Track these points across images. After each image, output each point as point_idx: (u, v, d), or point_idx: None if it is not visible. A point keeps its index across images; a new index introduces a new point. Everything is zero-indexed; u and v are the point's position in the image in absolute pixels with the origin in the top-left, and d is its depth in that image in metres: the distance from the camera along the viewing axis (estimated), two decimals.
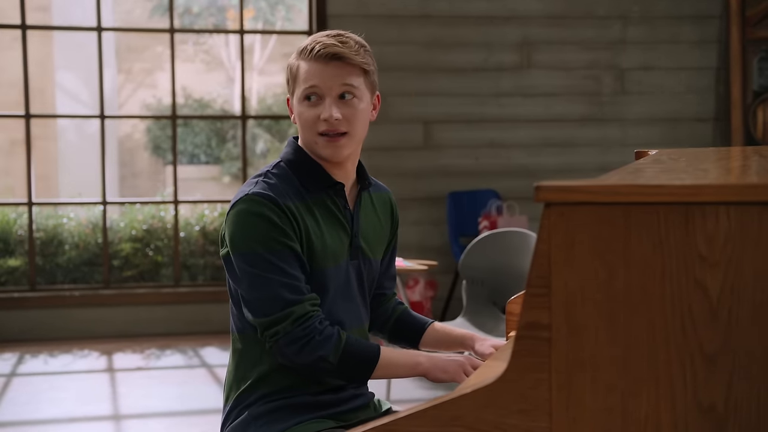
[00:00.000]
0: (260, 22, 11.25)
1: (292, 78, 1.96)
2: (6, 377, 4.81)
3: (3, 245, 5.92)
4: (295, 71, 1.94)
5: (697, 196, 1.16)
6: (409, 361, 1.90)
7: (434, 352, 1.97)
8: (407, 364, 1.89)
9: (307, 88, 1.91)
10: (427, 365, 1.88)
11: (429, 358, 1.89)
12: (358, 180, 2.03)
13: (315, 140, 1.93)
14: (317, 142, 1.93)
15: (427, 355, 1.91)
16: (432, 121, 6.04)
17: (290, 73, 1.96)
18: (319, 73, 1.90)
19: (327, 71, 1.90)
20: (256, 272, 1.84)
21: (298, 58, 1.94)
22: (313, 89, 1.90)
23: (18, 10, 10.48)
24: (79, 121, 10.71)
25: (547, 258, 1.21)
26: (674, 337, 1.19)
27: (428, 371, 1.88)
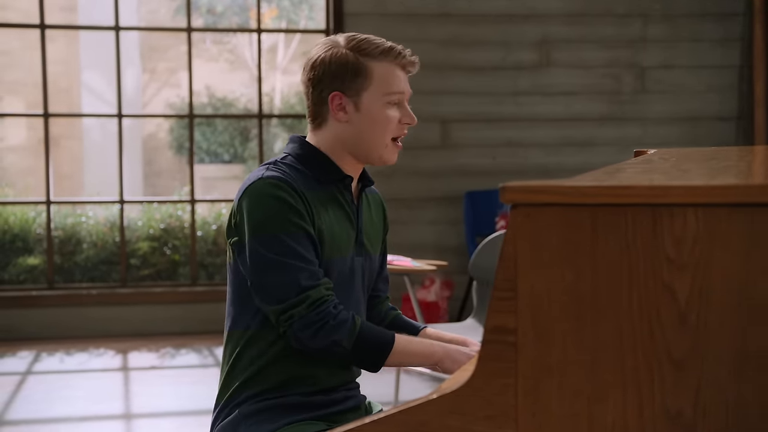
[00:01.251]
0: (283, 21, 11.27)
1: (363, 77, 1.89)
2: (21, 375, 4.84)
3: (22, 244, 5.96)
4: (366, 71, 1.89)
5: (665, 197, 1.13)
6: (425, 350, 1.89)
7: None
8: (422, 353, 1.89)
9: (397, 92, 1.92)
10: (442, 355, 1.88)
11: (444, 349, 1.89)
12: (360, 178, 2.03)
13: (385, 143, 1.93)
14: (387, 145, 1.93)
15: (442, 345, 1.90)
16: (449, 120, 6.01)
17: (354, 70, 1.89)
18: (404, 79, 1.95)
19: (405, 78, 1.95)
20: (272, 256, 1.82)
21: (371, 57, 1.90)
22: (401, 96, 1.93)
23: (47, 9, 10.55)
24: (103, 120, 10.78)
25: (514, 260, 1.19)
26: (642, 341, 1.16)
27: (442, 361, 1.88)
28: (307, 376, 1.91)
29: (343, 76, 1.90)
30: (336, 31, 5.81)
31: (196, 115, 6.07)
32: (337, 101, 1.92)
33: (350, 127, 1.93)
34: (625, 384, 1.16)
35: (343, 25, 5.82)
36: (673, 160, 1.73)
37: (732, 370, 1.13)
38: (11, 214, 6.03)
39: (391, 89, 1.91)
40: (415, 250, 5.60)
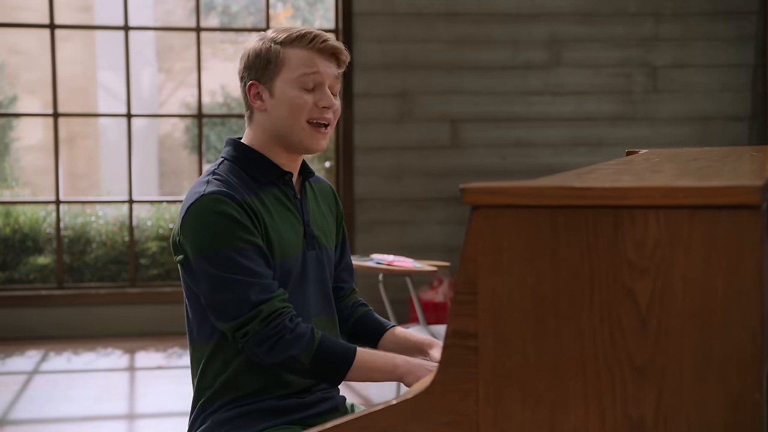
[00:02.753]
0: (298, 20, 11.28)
1: (274, 64, 1.90)
2: (28, 375, 4.85)
3: (32, 243, 5.98)
4: (279, 58, 1.90)
5: (625, 199, 1.11)
6: (386, 365, 1.85)
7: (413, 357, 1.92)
8: (384, 368, 1.85)
9: (307, 73, 1.89)
10: (404, 371, 1.83)
11: (407, 364, 1.84)
12: (301, 170, 2.00)
13: (301, 126, 1.89)
14: (304, 128, 1.90)
15: (405, 359, 1.86)
16: (459, 119, 5.98)
17: (269, 58, 1.90)
18: (319, 63, 1.90)
19: (326, 64, 1.91)
20: (221, 274, 1.80)
21: (286, 45, 1.90)
22: (314, 75, 1.89)
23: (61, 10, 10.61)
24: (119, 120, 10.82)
25: (474, 263, 1.16)
26: (603, 347, 1.13)
27: (404, 376, 1.83)
28: (279, 381, 1.88)
29: (258, 65, 1.92)
30: (345, 31, 5.80)
31: (205, 114, 6.07)
32: (254, 90, 1.93)
33: (268, 116, 1.92)
34: (586, 391, 1.14)
35: (352, 25, 5.80)
36: (656, 161, 1.70)
37: (694, 377, 1.10)
38: (21, 213, 6.06)
39: (302, 71, 1.89)
40: (424, 251, 5.58)
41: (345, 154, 5.81)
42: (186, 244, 1.85)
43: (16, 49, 11.23)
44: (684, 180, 1.17)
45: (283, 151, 1.93)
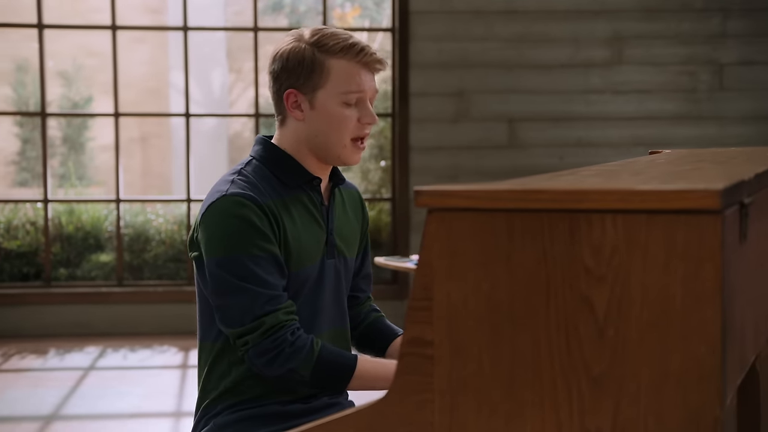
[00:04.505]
0: (366, 19, 11.28)
1: (318, 73, 1.83)
2: (84, 371, 4.94)
3: (94, 241, 6.09)
4: (323, 67, 1.83)
5: (581, 202, 1.06)
6: (389, 373, 1.81)
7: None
8: (386, 377, 1.80)
9: (353, 91, 1.83)
10: None
11: None
12: (331, 176, 1.97)
13: (344, 144, 1.86)
14: (345, 145, 1.86)
15: None
16: (516, 119, 5.90)
17: (312, 67, 1.83)
18: (365, 78, 1.85)
19: (369, 77, 1.86)
20: (231, 279, 1.78)
21: (330, 54, 1.83)
22: (360, 94, 1.84)
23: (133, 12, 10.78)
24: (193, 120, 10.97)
25: (430, 267, 1.13)
26: (559, 356, 1.08)
27: None
28: (284, 386, 1.86)
29: (299, 72, 1.84)
30: (402, 30, 5.77)
31: (261, 114, 6.11)
32: (292, 99, 1.87)
33: (307, 126, 1.87)
34: (543, 401, 1.09)
35: (409, 24, 5.77)
36: (659, 162, 1.64)
37: (652, 390, 1.05)
38: (84, 211, 6.17)
39: (348, 88, 1.83)
40: None
41: (401, 154, 5.78)
42: (201, 243, 1.83)
43: (93, 51, 11.46)
44: (650, 183, 1.11)
45: (315, 159, 1.90)
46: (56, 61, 10.61)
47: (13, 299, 5.73)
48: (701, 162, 1.61)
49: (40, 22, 5.80)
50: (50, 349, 5.38)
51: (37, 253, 5.96)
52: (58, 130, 10.68)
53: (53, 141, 10.61)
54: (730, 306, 1.05)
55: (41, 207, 5.96)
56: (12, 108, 10.49)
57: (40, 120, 5.85)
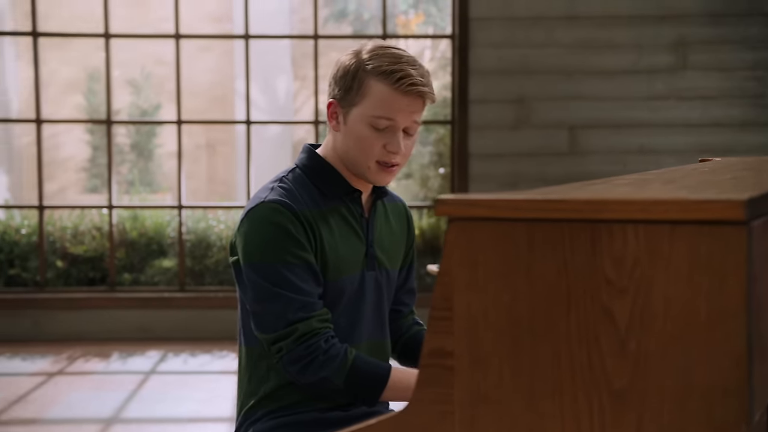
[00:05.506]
0: (430, 26, 11.28)
1: (356, 90, 1.83)
2: (145, 374, 5.01)
3: (157, 247, 6.18)
4: (364, 86, 1.82)
5: (602, 212, 1.03)
6: None
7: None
8: None
9: (383, 117, 1.81)
10: None
11: None
12: (374, 189, 1.97)
13: (368, 165, 1.86)
14: (370, 167, 1.86)
15: None
16: (577, 126, 5.83)
17: (352, 82, 1.84)
18: (399, 106, 1.81)
19: (406, 105, 1.82)
20: (266, 285, 1.80)
21: (371, 75, 1.81)
22: (389, 122, 1.82)
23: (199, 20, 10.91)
24: (257, 127, 11.08)
25: (450, 277, 1.11)
26: (581, 370, 1.06)
27: None
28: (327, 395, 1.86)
29: (341, 85, 1.86)
30: (461, 36, 5.75)
31: (321, 121, 6.14)
32: (332, 109, 1.89)
33: (341, 139, 1.89)
34: (563, 415, 1.07)
35: (469, 30, 5.74)
36: (703, 170, 1.60)
37: (675, 404, 1.02)
38: (147, 217, 6.27)
39: (379, 113, 1.81)
40: None
41: (460, 161, 5.76)
42: (239, 248, 1.86)
43: (162, 59, 11.65)
44: (678, 192, 1.09)
45: (349, 171, 1.92)
46: (126, 70, 10.81)
47: (79, 303, 5.85)
48: (746, 171, 1.56)
49: (106, 31, 5.92)
50: (113, 353, 5.47)
51: (102, 258, 6.07)
52: (127, 137, 10.87)
53: (122, 148, 10.81)
54: (756, 319, 1.01)
55: (106, 213, 6.07)
56: (83, 116, 10.72)
57: (106, 127, 5.96)
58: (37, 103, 5.91)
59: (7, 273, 6.05)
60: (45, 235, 5.98)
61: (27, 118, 6.35)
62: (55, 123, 7.05)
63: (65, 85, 11.41)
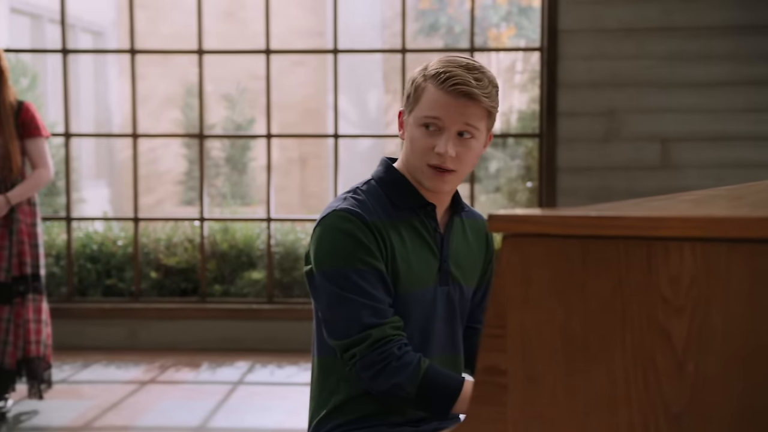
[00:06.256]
0: (522, 39, 11.22)
1: (414, 96, 1.89)
2: (232, 385, 5.08)
3: (247, 259, 6.27)
4: (419, 91, 1.87)
5: (658, 230, 1.01)
6: None
7: None
8: None
9: (429, 116, 1.84)
10: None
11: None
12: (451, 204, 1.96)
13: (422, 169, 1.88)
14: (423, 171, 1.88)
15: None
16: (670, 139, 5.71)
17: (413, 90, 1.89)
18: (445, 105, 1.83)
19: (454, 106, 1.83)
20: (337, 291, 1.81)
21: (427, 80, 1.86)
22: (435, 120, 1.84)
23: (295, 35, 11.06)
24: (348, 140, 11.17)
25: (503, 294, 1.10)
26: (636, 391, 1.03)
27: None
28: (394, 407, 1.86)
29: (407, 92, 1.91)
30: (550, 49, 5.69)
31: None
32: (400, 118, 1.93)
33: (405, 145, 1.90)
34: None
35: (557, 43, 5.68)
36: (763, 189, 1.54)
37: (736, 429, 0.98)
38: (238, 230, 6.37)
39: (426, 113, 1.84)
40: None
41: (548, 175, 5.70)
42: (311, 256, 1.88)
43: (257, 74, 11.86)
44: (741, 210, 1.05)
45: (417, 181, 1.92)
46: (222, 85, 11.03)
47: (172, 314, 5.97)
48: None
49: (200, 48, 6.04)
50: (203, 363, 5.56)
51: (194, 270, 6.18)
52: (222, 150, 11.08)
53: (217, 161, 11.01)
54: None
55: (198, 225, 6.19)
56: (181, 130, 10.97)
57: (198, 141, 6.08)
58: (134, 118, 6.06)
59: (104, 283, 6.22)
60: (140, 246, 6.12)
61: (125, 133, 6.52)
62: (151, 137, 7.23)
63: (164, 100, 11.70)
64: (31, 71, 8.44)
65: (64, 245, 6.18)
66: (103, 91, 11.86)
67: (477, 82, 1.82)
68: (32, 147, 4.34)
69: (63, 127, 6.06)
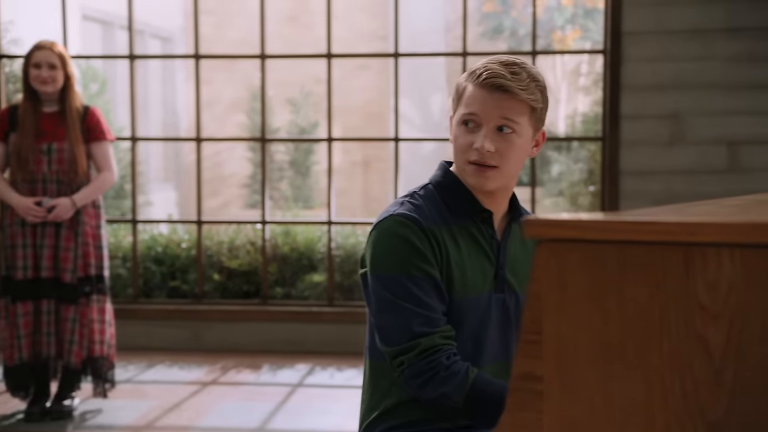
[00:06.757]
0: (587, 42, 11.10)
1: (456, 97, 1.91)
2: (292, 387, 5.11)
3: (308, 262, 6.30)
4: (461, 91, 1.89)
5: (696, 235, 0.99)
6: None
7: None
8: None
9: (467, 113, 1.86)
10: None
11: None
12: (510, 211, 1.95)
13: (464, 167, 1.89)
14: (465, 169, 1.88)
15: None
16: (737, 142, 5.59)
17: (456, 92, 1.92)
18: (481, 101, 1.84)
19: (490, 101, 1.83)
20: (389, 297, 1.81)
21: (467, 79, 1.89)
22: (472, 116, 1.85)
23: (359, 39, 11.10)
24: (412, 144, 11.18)
25: (539, 300, 1.09)
26: (673, 399, 1.01)
27: None
28: (443, 413, 1.85)
29: (453, 96, 1.92)
30: (613, 51, 5.63)
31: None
32: (450, 122, 1.93)
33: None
34: None
35: (621, 45, 5.61)
36: None
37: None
38: (299, 233, 6.41)
39: (464, 110, 1.85)
40: None
41: (611, 179, 5.63)
42: (366, 260, 1.88)
43: (321, 78, 11.95)
44: None
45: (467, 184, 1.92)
46: (286, 89, 11.12)
47: (234, 315, 6.03)
48: None
49: (262, 52, 6.10)
50: (264, 365, 5.60)
51: (256, 272, 6.24)
52: (286, 154, 11.16)
53: (281, 165, 11.10)
54: None
55: (260, 228, 6.25)
56: (246, 133, 11.09)
57: (260, 145, 6.13)
58: (198, 122, 6.15)
59: (168, 285, 6.31)
60: (203, 249, 6.20)
61: (189, 137, 6.61)
62: (214, 141, 7.31)
63: (230, 104, 11.84)
64: (101, 77, 8.61)
65: (130, 247, 6.29)
66: (170, 96, 12.05)
67: (513, 76, 1.82)
68: (97, 150, 4.42)
69: (130, 131, 6.17)
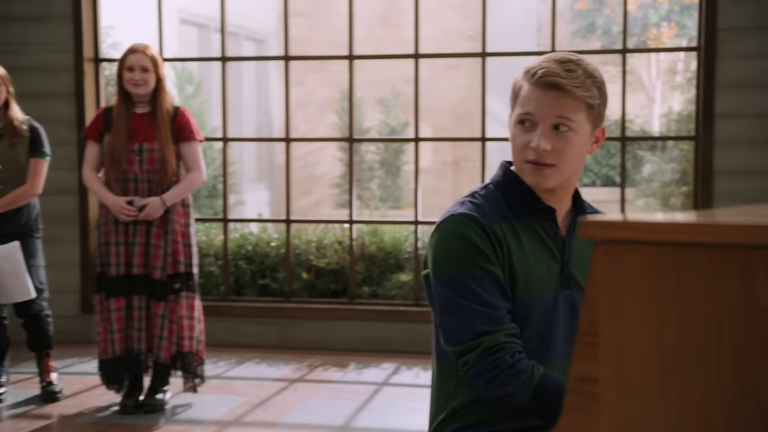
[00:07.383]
0: (684, 39, 10.86)
1: (513, 97, 1.91)
2: (378, 386, 5.13)
3: (394, 261, 6.32)
4: (517, 91, 1.89)
5: (757, 237, 0.96)
6: None
7: None
8: None
9: (522, 113, 1.85)
10: None
11: None
12: (574, 207, 1.93)
13: (522, 166, 1.88)
14: (523, 168, 1.88)
15: None
16: None
17: (513, 92, 1.91)
18: (536, 100, 1.83)
19: (545, 99, 1.83)
20: (452, 296, 1.81)
21: (523, 79, 1.88)
22: (528, 116, 1.84)
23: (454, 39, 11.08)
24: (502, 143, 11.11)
25: (596, 302, 1.07)
26: (734, 404, 0.99)
27: None
28: (510, 413, 1.84)
29: (512, 98, 1.91)
30: (707, 48, 5.50)
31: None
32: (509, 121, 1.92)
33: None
34: None
35: (716, 42, 5.48)
36: None
37: None
38: (386, 232, 6.44)
39: (519, 110, 1.85)
40: None
41: (704, 179, 5.50)
42: (429, 261, 1.89)
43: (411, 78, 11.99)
44: None
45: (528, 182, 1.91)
46: (377, 89, 11.17)
47: (322, 314, 6.09)
48: None
49: (350, 53, 6.15)
50: (350, 363, 5.64)
51: (343, 271, 6.29)
52: (377, 154, 11.22)
53: (372, 165, 11.16)
54: None
55: (348, 227, 6.29)
56: (337, 134, 11.19)
57: (349, 145, 6.18)
58: (287, 122, 6.22)
59: (258, 283, 6.41)
60: (291, 248, 6.28)
61: (279, 137, 6.70)
62: (304, 141, 7.39)
63: (322, 104, 11.95)
64: (196, 79, 8.80)
65: (221, 246, 6.41)
66: (264, 97, 12.22)
67: (568, 73, 1.80)
68: (187, 150, 4.52)
69: (222, 131, 6.29)
